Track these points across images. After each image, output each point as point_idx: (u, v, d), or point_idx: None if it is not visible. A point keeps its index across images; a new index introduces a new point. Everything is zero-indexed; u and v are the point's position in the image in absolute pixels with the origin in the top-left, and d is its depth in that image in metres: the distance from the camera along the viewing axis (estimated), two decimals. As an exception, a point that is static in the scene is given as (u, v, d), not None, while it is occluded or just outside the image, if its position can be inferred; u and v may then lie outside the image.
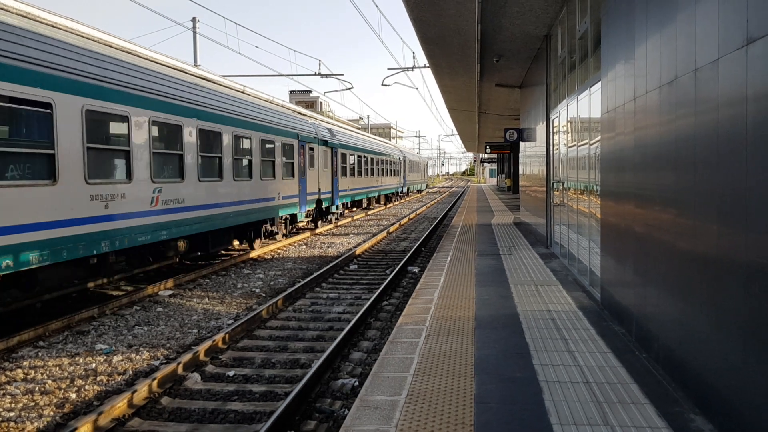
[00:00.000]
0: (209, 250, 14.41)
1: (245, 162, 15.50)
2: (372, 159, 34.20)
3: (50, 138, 8.69)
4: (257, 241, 17.16)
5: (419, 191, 59.67)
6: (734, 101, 3.70)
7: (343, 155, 26.98)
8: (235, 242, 16.36)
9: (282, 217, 18.72)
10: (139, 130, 10.86)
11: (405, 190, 48.77)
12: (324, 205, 23.45)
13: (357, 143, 30.55)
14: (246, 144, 15.51)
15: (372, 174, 34.27)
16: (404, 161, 47.99)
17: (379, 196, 37.99)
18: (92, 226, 9.59)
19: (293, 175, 19.19)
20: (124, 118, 10.46)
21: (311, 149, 21.34)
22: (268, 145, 16.89)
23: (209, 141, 13.47)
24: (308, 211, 21.39)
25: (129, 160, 10.60)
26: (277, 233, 18.75)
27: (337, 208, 25.47)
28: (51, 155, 8.69)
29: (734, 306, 3.73)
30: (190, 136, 12.58)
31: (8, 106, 7.98)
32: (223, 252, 16.88)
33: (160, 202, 11.50)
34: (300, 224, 21.70)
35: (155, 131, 11.36)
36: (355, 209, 33.56)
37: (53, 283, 9.87)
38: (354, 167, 29.31)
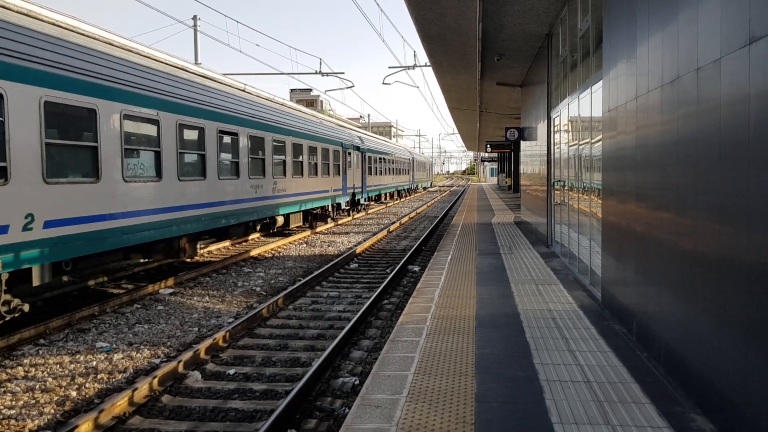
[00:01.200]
0: (289, 225, 19.69)
1: (314, 164, 21.41)
2: (389, 160, 40.06)
3: (237, 152, 14.83)
4: (315, 222, 22.86)
5: (425, 188, 66.82)
6: (736, 100, 3.70)
7: (369, 158, 32.67)
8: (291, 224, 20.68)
9: (332, 204, 24.39)
10: (268, 145, 16.82)
11: (414, 186, 55.24)
12: (357, 197, 29.13)
13: (379, 148, 36.49)
14: (315, 151, 21.53)
15: (389, 173, 40.20)
16: (413, 161, 54.02)
17: (393, 192, 43.87)
18: (251, 203, 15.57)
19: (339, 174, 25.12)
20: (263, 140, 16.39)
21: (349, 153, 27.20)
22: (326, 152, 22.98)
23: (296, 150, 19.37)
24: (347, 201, 27.04)
25: (264, 164, 16.47)
26: (329, 216, 24.37)
27: (365, 200, 31.40)
28: (237, 163, 14.73)
29: (736, 305, 3.73)
30: (287, 147, 18.48)
31: (228, 136, 14.34)
32: (291, 228, 22.22)
33: (276, 190, 17.44)
34: (337, 212, 27.66)
35: (274, 145, 17.35)
36: (372, 202, 37.39)
37: (232, 235, 15.75)
38: (376, 167, 35.18)
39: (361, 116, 73.73)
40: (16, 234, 7.94)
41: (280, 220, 18.45)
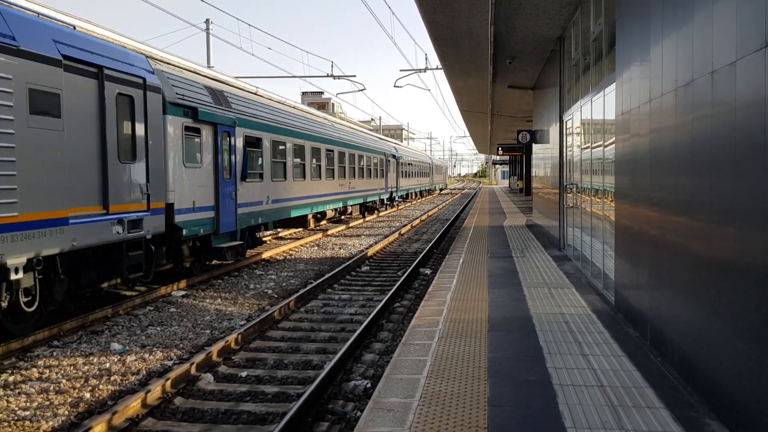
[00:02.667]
0: (351, 214, 27.69)
1: (369, 169, 30.04)
2: (415, 165, 49.23)
3: (334, 161, 22.43)
4: (366, 213, 30.42)
5: (440, 190, 75.95)
6: (752, 103, 3.67)
7: (402, 163, 41.38)
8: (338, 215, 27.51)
9: (379, 199, 33.01)
10: (348, 156, 25.21)
11: (432, 188, 64.60)
12: (393, 195, 37.82)
13: (409, 155, 46.21)
14: (371, 160, 30.42)
15: (415, 176, 49.12)
16: (432, 166, 63.43)
17: (419, 191, 53.13)
18: (340, 196, 23.91)
19: (384, 176, 34.07)
20: (344, 153, 24.59)
21: (388, 161, 35.88)
22: (376, 160, 31.80)
23: (360, 159, 27.83)
24: (387, 198, 35.86)
25: (345, 169, 24.53)
26: (377, 208, 33.10)
27: (399, 197, 40.72)
28: (333, 169, 22.25)
29: (750, 310, 3.70)
30: (356, 157, 26.80)
31: (331, 152, 23.17)
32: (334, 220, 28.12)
33: (350, 187, 25.54)
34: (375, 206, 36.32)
35: (350, 156, 25.65)
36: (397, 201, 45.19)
37: (327, 216, 24.31)
38: (406, 171, 43.82)
39: (372, 119, 73.85)
40: (264, 205, 15.82)
41: (349, 209, 26.90)
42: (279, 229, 22.40)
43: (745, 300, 3.78)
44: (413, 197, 51.20)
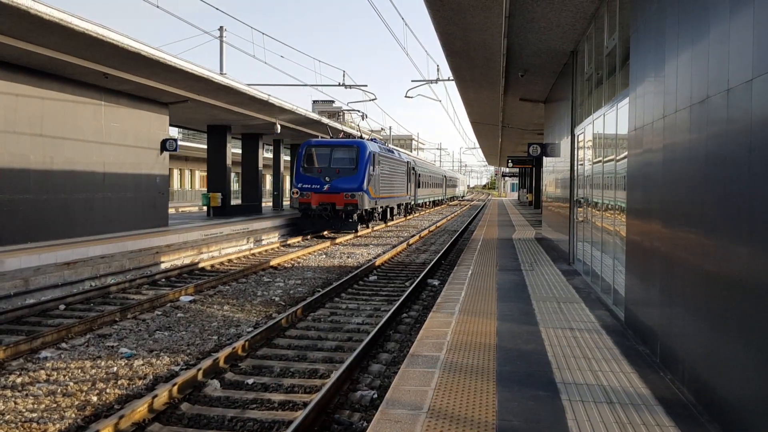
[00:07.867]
0: (429, 207, 55.50)
1: (438, 184, 59.42)
2: (453, 180, 78.55)
3: (435, 181, 59.85)
4: (439, 204, 63.43)
5: (462, 197, 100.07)
6: (768, 122, 3.65)
7: (448, 180, 69.07)
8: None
9: (439, 200, 61.82)
10: (433, 177, 56.92)
11: (460, 194, 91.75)
12: (442, 199, 63.17)
13: (452, 175, 78.93)
14: (438, 179, 60.20)
15: (452, 187, 77.32)
16: (459, 179, 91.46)
17: (454, 197, 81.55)
18: (435, 196, 59.95)
19: (441, 188, 62.74)
20: (432, 176, 56.29)
21: (443, 179, 63.36)
22: (440, 179, 61.70)
23: (434, 178, 57.15)
24: (442, 199, 63.47)
25: (434, 185, 57.43)
26: (439, 204, 61.99)
27: (447, 200, 68.50)
28: (434, 183, 59.52)
29: (764, 330, 3.66)
30: (436, 178, 59.03)
31: (432, 178, 57.12)
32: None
33: (434, 194, 56.82)
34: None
35: (432, 177, 56.29)
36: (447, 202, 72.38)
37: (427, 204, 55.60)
38: (449, 184, 71.17)
39: (382, 128, 74.07)
40: (417, 197, 44.10)
41: (432, 203, 55.43)
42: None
43: (759, 319, 3.74)
44: (450, 200, 77.88)
